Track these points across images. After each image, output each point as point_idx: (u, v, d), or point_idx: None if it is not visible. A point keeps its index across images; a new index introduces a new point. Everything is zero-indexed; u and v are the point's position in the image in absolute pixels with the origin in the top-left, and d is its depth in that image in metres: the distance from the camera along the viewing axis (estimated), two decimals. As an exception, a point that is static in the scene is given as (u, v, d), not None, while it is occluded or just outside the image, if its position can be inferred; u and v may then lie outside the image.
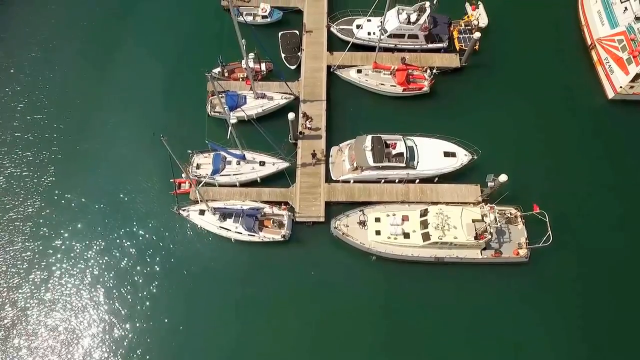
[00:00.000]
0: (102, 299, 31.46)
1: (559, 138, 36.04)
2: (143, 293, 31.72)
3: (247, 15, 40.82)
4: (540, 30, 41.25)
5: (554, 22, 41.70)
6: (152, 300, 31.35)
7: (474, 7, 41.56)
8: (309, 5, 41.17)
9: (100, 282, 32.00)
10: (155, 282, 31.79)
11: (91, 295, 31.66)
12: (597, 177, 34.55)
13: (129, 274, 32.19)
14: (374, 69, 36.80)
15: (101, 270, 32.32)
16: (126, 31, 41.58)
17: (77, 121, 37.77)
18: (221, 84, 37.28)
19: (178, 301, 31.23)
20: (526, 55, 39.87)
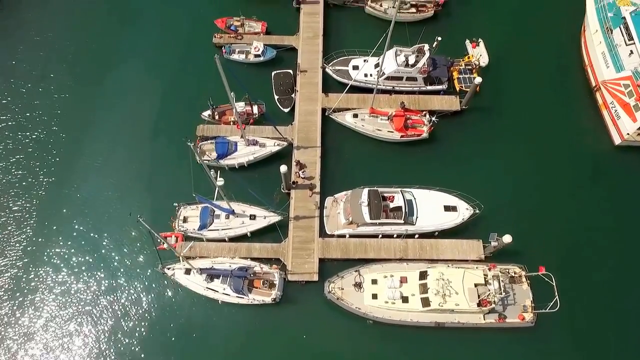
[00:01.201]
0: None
1: (565, 189, 33.90)
2: (124, 357, 29.52)
3: (240, 54, 38.87)
4: (542, 70, 39.38)
5: (557, 61, 39.87)
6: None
7: (474, 45, 39.81)
8: (304, 43, 39.29)
9: (79, 344, 29.77)
10: (137, 347, 29.41)
11: (69, 357, 29.45)
12: (606, 233, 32.30)
13: (108, 336, 29.82)
14: (371, 114, 34.95)
15: (80, 331, 29.98)
16: (114, 67, 39.46)
17: (61, 163, 35.63)
18: (211, 128, 35.50)
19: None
20: (528, 97, 37.95)
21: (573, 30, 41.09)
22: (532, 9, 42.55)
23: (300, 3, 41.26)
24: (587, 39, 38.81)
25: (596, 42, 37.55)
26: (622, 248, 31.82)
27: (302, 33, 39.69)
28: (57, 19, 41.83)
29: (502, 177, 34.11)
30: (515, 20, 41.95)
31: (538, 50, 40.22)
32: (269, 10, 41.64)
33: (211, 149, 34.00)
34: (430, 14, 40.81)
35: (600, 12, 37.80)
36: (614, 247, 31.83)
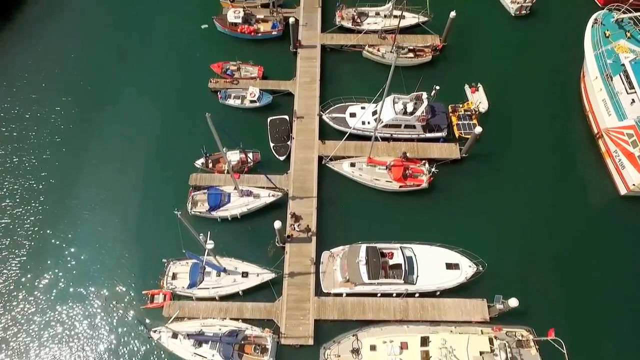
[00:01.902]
0: None
1: (571, 242, 32.22)
2: None
3: (235, 99, 38.00)
4: (543, 116, 38.42)
5: (558, 107, 38.96)
6: None
7: (473, 90, 39.11)
8: (301, 88, 38.54)
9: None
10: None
11: None
12: (618, 291, 30.44)
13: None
14: (369, 164, 33.83)
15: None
16: (106, 112, 38.55)
17: (49, 212, 34.14)
18: (204, 177, 34.25)
19: None
20: (530, 143, 36.84)
21: (572, 75, 40.48)
22: (531, 54, 42.11)
23: (298, 47, 40.87)
24: (587, 85, 38.13)
25: (596, 89, 36.82)
26: (637, 307, 30.11)
27: (299, 78, 39.04)
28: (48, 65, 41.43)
29: (505, 230, 32.58)
30: (514, 65, 41.37)
31: (538, 96, 39.49)
32: (266, 55, 41.18)
33: (204, 199, 32.65)
34: (428, 58, 40.31)
35: (599, 59, 37.25)
36: (628, 307, 30.04)
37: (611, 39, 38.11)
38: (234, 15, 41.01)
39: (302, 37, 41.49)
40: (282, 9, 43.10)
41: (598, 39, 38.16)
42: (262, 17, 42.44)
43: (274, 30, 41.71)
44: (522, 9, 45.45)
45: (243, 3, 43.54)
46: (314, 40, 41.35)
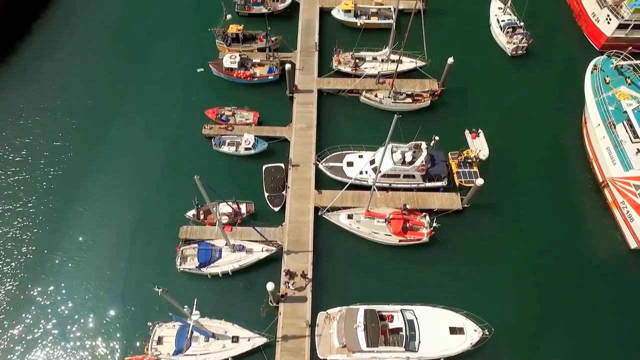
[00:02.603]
0: None
1: (582, 300, 30.34)
2: None
3: (230, 146, 36.87)
4: (545, 163, 37.24)
5: (560, 154, 37.81)
6: None
7: (473, 135, 38.05)
8: (297, 134, 37.49)
9: None
10: None
11: None
12: (634, 349, 28.64)
13: None
14: (367, 216, 32.40)
15: None
16: (98, 156, 37.33)
17: (30, 262, 32.30)
18: (195, 230, 32.66)
19: None
20: (533, 192, 35.44)
21: (573, 120, 39.66)
22: (530, 97, 41.38)
23: (294, 92, 40.17)
24: (590, 132, 37.16)
25: (599, 137, 35.82)
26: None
27: (295, 124, 38.10)
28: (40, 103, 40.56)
29: (511, 288, 30.68)
30: (514, 108, 40.55)
31: (539, 141, 38.39)
32: (262, 99, 40.37)
33: (193, 254, 30.98)
34: (427, 103, 39.51)
35: (600, 105, 36.44)
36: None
37: (612, 85, 37.44)
38: (230, 60, 40.50)
39: (299, 82, 40.88)
40: (279, 53, 42.75)
41: (598, 85, 37.50)
42: (258, 61, 41.99)
43: (270, 75, 41.09)
44: (518, 49, 45.22)
45: (239, 47, 43.32)
46: (310, 85, 40.70)
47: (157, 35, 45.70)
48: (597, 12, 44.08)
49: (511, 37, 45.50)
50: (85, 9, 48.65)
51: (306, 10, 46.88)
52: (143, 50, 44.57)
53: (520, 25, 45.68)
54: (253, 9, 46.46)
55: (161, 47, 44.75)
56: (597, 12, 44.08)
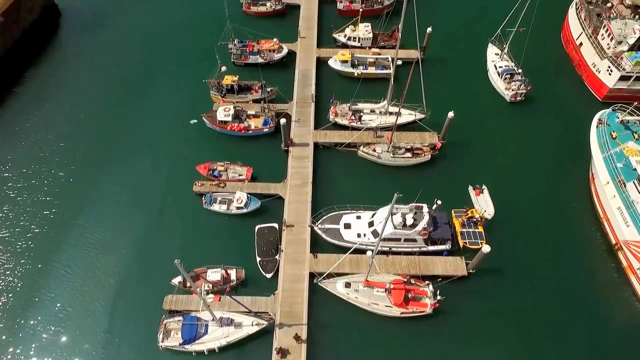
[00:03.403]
0: None
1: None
2: None
3: (221, 204, 34.80)
4: (553, 222, 35.00)
5: (568, 211, 35.72)
6: None
7: (477, 192, 36.06)
8: (291, 191, 35.54)
9: None
10: None
11: None
12: None
13: None
14: (366, 286, 30.01)
15: None
16: (81, 214, 35.25)
17: (4, 334, 29.92)
18: (180, 300, 30.12)
19: None
20: (542, 255, 33.06)
21: (580, 175, 37.81)
22: (534, 151, 39.69)
23: (289, 145, 38.61)
24: (598, 189, 35.25)
25: (609, 195, 33.87)
26: None
27: (290, 180, 36.25)
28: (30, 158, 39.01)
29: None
30: (517, 161, 38.89)
31: (546, 199, 36.37)
32: (256, 153, 38.72)
33: (177, 328, 28.33)
34: (427, 158, 37.84)
35: (608, 162, 34.70)
36: None
37: (619, 140, 35.81)
38: (224, 113, 39.14)
39: (295, 135, 39.41)
40: (274, 105, 41.50)
41: (605, 140, 35.89)
42: (253, 113, 40.68)
43: (265, 127, 39.64)
44: (517, 95, 44.20)
45: (234, 98, 42.19)
46: (306, 138, 39.18)
47: (150, 86, 44.67)
48: (597, 62, 43.26)
49: (509, 84, 44.63)
50: (76, 58, 48.08)
51: (303, 60, 46.15)
52: (135, 102, 43.37)
53: (518, 72, 44.91)
54: (249, 59, 45.70)
55: (154, 98, 43.61)
56: (597, 62, 43.26)
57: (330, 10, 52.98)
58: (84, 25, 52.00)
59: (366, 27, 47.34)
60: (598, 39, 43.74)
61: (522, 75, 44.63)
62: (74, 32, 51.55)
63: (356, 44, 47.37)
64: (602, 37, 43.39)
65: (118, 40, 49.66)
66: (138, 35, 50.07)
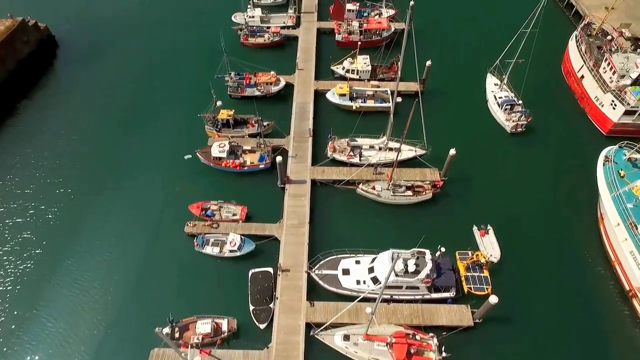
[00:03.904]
0: None
1: None
2: None
3: (214, 246, 32.98)
4: (562, 265, 33.15)
5: (577, 252, 33.93)
6: None
7: (482, 233, 34.30)
8: (287, 232, 33.82)
9: None
10: None
11: None
12: None
13: None
14: (366, 339, 28.03)
15: None
16: (67, 257, 33.38)
17: None
18: (167, 354, 27.90)
19: None
20: (551, 303, 31.10)
21: (588, 215, 36.21)
22: (539, 187, 38.26)
23: (286, 183, 37.21)
24: (609, 231, 33.58)
25: (621, 238, 32.13)
26: None
27: (286, 220, 34.57)
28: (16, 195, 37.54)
29: None
30: (523, 200, 37.28)
31: (553, 240, 34.62)
32: (252, 190, 37.24)
33: (164, 387, 26.36)
34: (429, 196, 36.34)
35: (618, 202, 33.17)
36: None
37: (627, 179, 34.38)
38: (219, 149, 37.87)
39: (291, 171, 38.00)
40: (271, 140, 40.22)
41: (613, 179, 34.43)
42: (249, 148, 39.40)
43: (261, 164, 38.25)
44: (518, 126, 43.14)
45: (230, 132, 41.03)
46: (303, 175, 37.78)
47: (144, 120, 43.56)
48: (600, 96, 42.33)
49: (510, 114, 43.66)
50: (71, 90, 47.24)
51: (300, 93, 45.26)
52: (129, 136, 42.14)
53: (519, 102, 44.00)
54: (246, 92, 44.78)
55: (148, 132, 42.41)
56: (600, 96, 42.33)
57: (329, 41, 52.56)
58: (80, 56, 51.51)
59: (365, 59, 46.70)
60: (600, 72, 42.94)
61: (523, 106, 43.75)
62: (70, 63, 50.97)
63: (354, 77, 46.62)
64: (604, 71, 42.61)
65: (113, 73, 48.95)
66: (134, 67, 49.44)
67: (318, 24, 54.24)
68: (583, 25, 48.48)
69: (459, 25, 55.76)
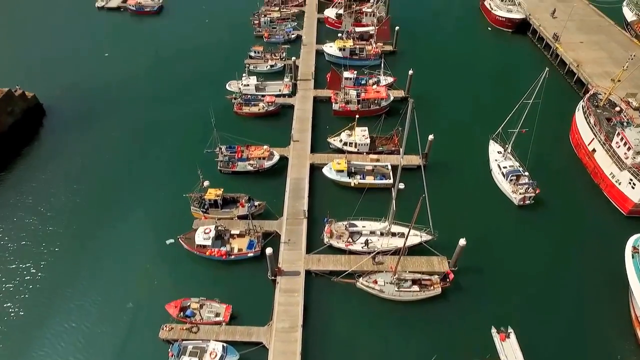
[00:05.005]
0: None
1: None
2: None
3: (192, 356, 27.97)
4: None
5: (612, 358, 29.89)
6: None
7: (502, 336, 29.41)
8: (277, 339, 28.82)
9: None
10: None
11: None
12: None
13: None
14: None
15: None
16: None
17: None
18: None
19: None
20: None
21: (618, 308, 31.80)
22: (560, 278, 34.10)
23: (277, 275, 33.10)
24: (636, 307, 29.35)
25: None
26: None
27: (276, 322, 29.93)
28: None
29: None
30: (544, 293, 32.95)
31: (581, 343, 29.94)
32: (238, 284, 33.02)
33: None
34: (437, 291, 32.11)
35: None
36: None
37: (661, 274, 30.62)
38: (204, 235, 34.11)
39: (283, 260, 33.98)
40: (262, 223, 36.37)
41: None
42: (237, 233, 35.63)
43: (250, 252, 34.31)
44: (526, 199, 39.93)
45: (218, 213, 37.46)
46: (297, 265, 33.71)
47: (127, 197, 40.24)
48: (616, 173, 39.30)
49: (516, 186, 40.61)
50: (54, 161, 44.54)
51: (295, 167, 42.29)
52: (108, 215, 38.61)
53: (525, 173, 41.06)
54: (237, 166, 41.80)
55: (130, 211, 38.90)
56: (616, 173, 39.30)
57: (326, 110, 50.56)
58: (66, 125, 49.30)
59: (363, 131, 44.24)
60: (613, 146, 40.33)
61: (530, 178, 40.75)
62: (56, 132, 48.62)
63: (353, 149, 43.99)
64: (618, 145, 39.93)
65: (99, 145, 46.36)
66: (120, 140, 46.90)
67: (315, 92, 52.64)
68: (589, 95, 46.69)
69: (459, 94, 54.24)
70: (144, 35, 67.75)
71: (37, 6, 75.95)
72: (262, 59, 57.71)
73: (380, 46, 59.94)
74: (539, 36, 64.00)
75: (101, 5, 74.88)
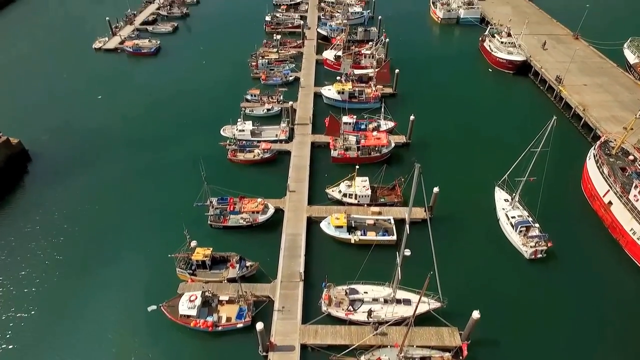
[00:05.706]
0: None
1: None
2: None
3: None
4: None
5: None
6: None
7: None
8: None
9: None
10: None
11: None
12: None
13: None
14: None
15: None
16: None
17: None
18: None
19: None
20: None
21: None
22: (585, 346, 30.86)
23: (269, 350, 29.47)
24: None
25: None
26: None
27: (267, 411, 26.59)
28: None
29: None
30: None
31: None
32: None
33: None
34: (450, 373, 28.64)
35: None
36: None
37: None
38: (188, 305, 30.67)
39: (276, 332, 30.43)
40: (254, 287, 33.08)
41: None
42: (226, 299, 32.23)
43: (239, 322, 30.78)
44: (537, 252, 36.93)
45: (206, 276, 34.20)
46: (291, 338, 30.11)
47: (107, 257, 37.00)
48: (637, 229, 36.37)
49: (526, 238, 37.68)
50: (37, 211, 41.84)
51: (291, 222, 39.39)
52: (89, 274, 35.56)
53: (535, 225, 38.18)
54: (229, 220, 38.94)
55: (111, 271, 35.65)
56: (637, 229, 36.37)
57: (324, 157, 48.27)
58: (52, 172, 46.83)
59: (363, 181, 41.65)
60: (631, 199, 37.71)
61: (541, 230, 37.85)
62: (41, 180, 46.09)
63: (352, 201, 41.32)
64: (636, 199, 37.35)
65: (84, 194, 43.70)
66: (106, 190, 44.25)
67: (312, 137, 50.62)
68: (600, 143, 44.58)
69: (461, 139, 52.27)
70: (139, 77, 66.76)
71: (35, 47, 75.55)
72: (259, 102, 56.24)
73: (380, 89, 58.65)
74: (541, 78, 62.95)
75: (99, 46, 74.51)
